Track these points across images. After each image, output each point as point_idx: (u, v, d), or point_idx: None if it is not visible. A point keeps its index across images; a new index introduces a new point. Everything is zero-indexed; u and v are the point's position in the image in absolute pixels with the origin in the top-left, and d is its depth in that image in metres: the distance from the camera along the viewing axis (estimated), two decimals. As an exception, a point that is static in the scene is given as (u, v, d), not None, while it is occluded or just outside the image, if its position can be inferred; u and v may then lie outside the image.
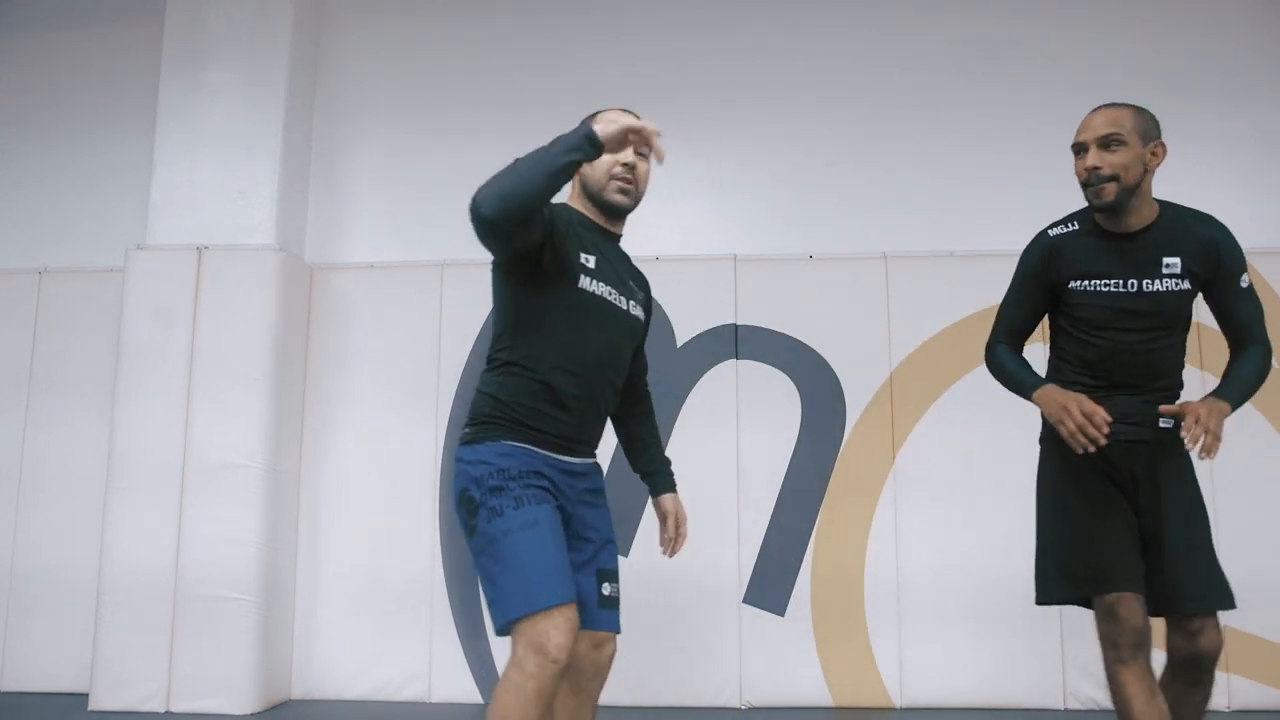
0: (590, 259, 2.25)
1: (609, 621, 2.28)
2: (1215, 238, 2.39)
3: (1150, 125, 2.40)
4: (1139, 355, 2.40)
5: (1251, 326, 2.44)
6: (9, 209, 5.04)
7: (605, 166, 2.31)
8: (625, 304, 2.32)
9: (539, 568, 2.05)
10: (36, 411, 4.68)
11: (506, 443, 2.17)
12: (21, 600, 4.54)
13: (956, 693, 4.12)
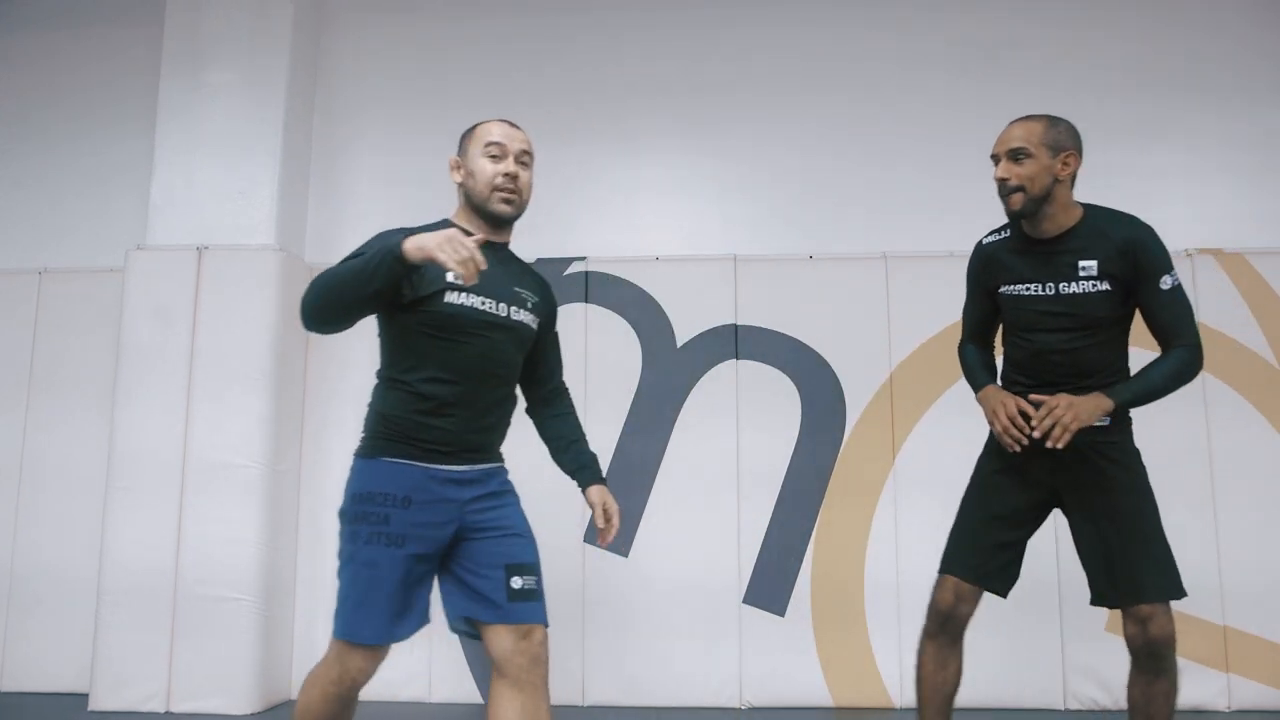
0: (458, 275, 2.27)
1: (523, 614, 2.30)
2: (1133, 238, 2.48)
3: (1062, 137, 2.51)
4: (1063, 355, 2.54)
5: (1175, 328, 2.50)
6: (9, 209, 5.04)
7: (487, 177, 2.40)
8: (505, 310, 2.37)
9: (361, 607, 2.23)
10: (37, 411, 4.68)
11: (385, 460, 2.28)
12: (21, 600, 4.54)
13: (962, 692, 4.10)
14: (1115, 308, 2.50)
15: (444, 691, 4.29)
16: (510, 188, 2.40)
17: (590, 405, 4.40)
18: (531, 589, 2.32)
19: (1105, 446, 2.52)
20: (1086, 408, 2.41)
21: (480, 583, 2.29)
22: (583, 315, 4.50)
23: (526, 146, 2.47)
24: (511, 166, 2.40)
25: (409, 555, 2.23)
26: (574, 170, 4.82)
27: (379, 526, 2.23)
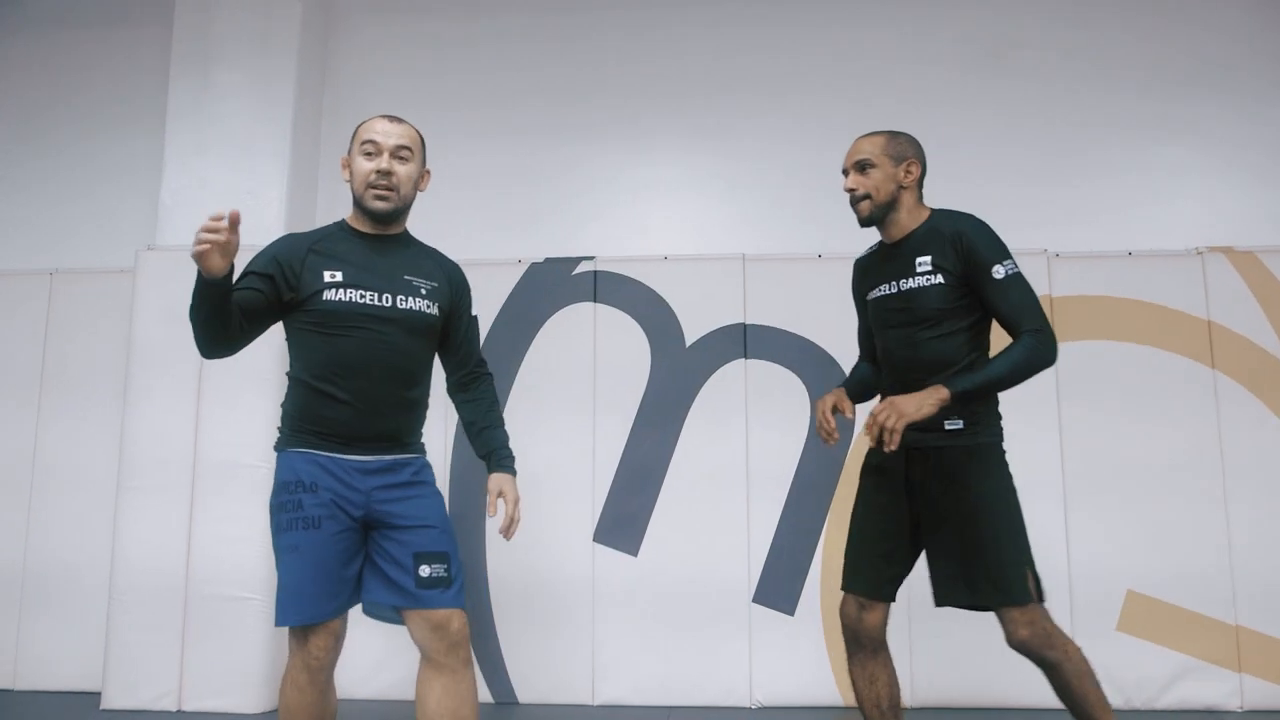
0: (337, 273, 2.42)
1: (432, 600, 2.38)
2: (960, 230, 2.57)
3: (903, 147, 2.67)
4: (906, 350, 2.64)
5: (1014, 316, 2.52)
6: (20, 210, 5.07)
7: (362, 175, 2.48)
8: (391, 300, 2.44)
9: (294, 590, 2.35)
10: (48, 411, 4.70)
11: (293, 451, 2.42)
12: (34, 599, 4.56)
13: (965, 692, 4.11)
14: (949, 300, 2.56)
15: (454, 690, 4.29)
16: (383, 184, 2.47)
17: (599, 404, 4.42)
18: (440, 576, 2.40)
19: (954, 450, 2.56)
20: (909, 405, 2.43)
21: (393, 571, 2.39)
22: (591, 315, 4.50)
23: (405, 141, 2.51)
24: (384, 163, 2.46)
25: (327, 535, 2.35)
26: (582, 170, 4.82)
27: (295, 513, 2.35)
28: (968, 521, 2.52)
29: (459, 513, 4.40)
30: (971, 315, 2.58)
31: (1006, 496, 2.55)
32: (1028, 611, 2.47)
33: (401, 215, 2.56)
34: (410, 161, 2.51)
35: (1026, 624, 2.47)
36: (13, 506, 4.64)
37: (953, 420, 2.54)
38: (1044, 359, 2.50)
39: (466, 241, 4.69)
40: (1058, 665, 2.49)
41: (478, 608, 4.34)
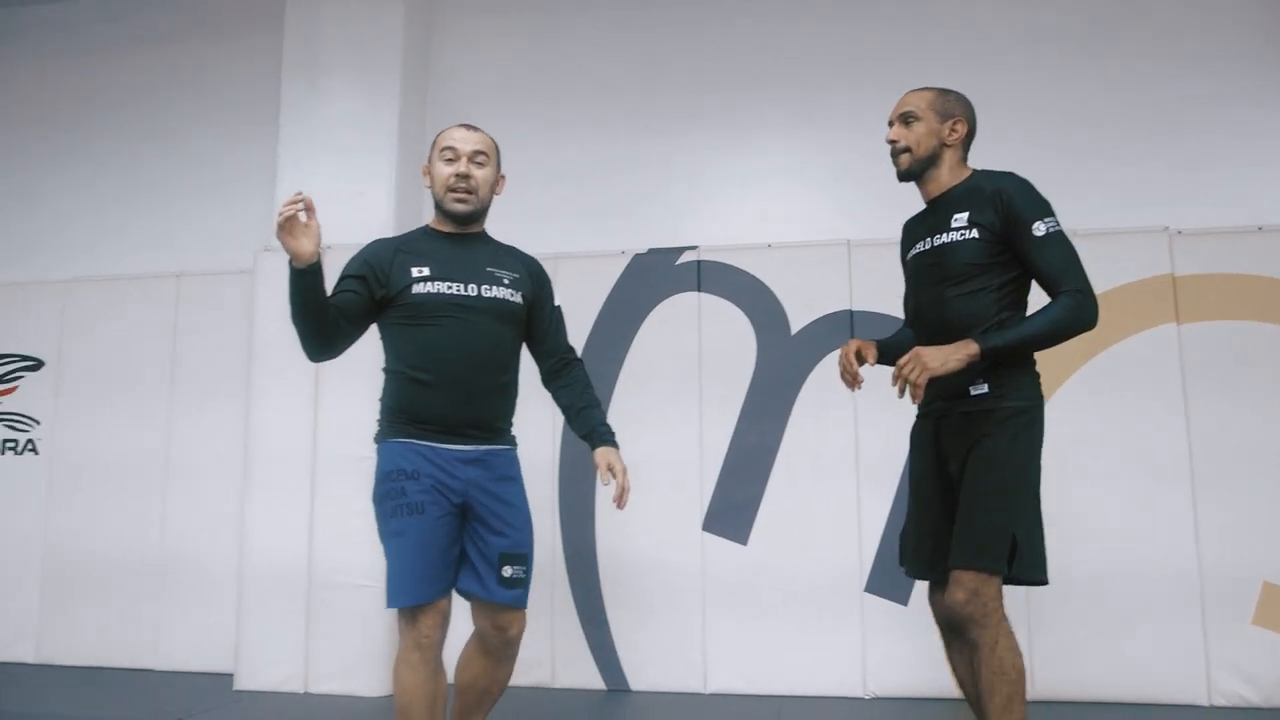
0: (423, 269, 2.57)
1: (507, 598, 2.55)
2: (1001, 187, 2.49)
3: (951, 105, 2.63)
4: (933, 310, 2.57)
5: (1053, 274, 2.44)
6: (149, 218, 5.31)
7: (442, 179, 2.64)
8: (475, 290, 2.58)
9: (403, 573, 2.47)
10: (178, 408, 4.93)
11: (393, 441, 2.55)
12: (171, 586, 4.80)
13: (1089, 686, 3.98)
14: (980, 255, 2.48)
15: (567, 678, 4.36)
16: (462, 187, 2.62)
17: (705, 394, 4.42)
18: (519, 578, 2.57)
19: (976, 414, 2.47)
20: (934, 357, 2.38)
21: (479, 564, 2.55)
22: (696, 304, 4.49)
23: (481, 147, 2.66)
24: (463, 167, 2.62)
25: (430, 519, 2.47)
26: (684, 160, 4.81)
27: (399, 499, 2.48)
28: (977, 485, 2.44)
29: (569, 503, 4.46)
30: (1005, 274, 2.50)
31: (1023, 462, 2.45)
32: (978, 578, 2.38)
33: (480, 216, 2.70)
34: (486, 166, 2.66)
35: (970, 589, 2.38)
36: (148, 499, 4.88)
37: (978, 384, 2.47)
38: (1082, 320, 2.40)
39: (569, 234, 4.75)
40: (979, 647, 2.39)
41: (589, 596, 4.40)
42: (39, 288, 5.25)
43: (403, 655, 2.51)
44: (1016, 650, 2.41)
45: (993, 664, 2.37)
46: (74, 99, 5.54)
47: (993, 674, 2.37)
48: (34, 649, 4.92)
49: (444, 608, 2.54)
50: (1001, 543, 2.38)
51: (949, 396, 2.53)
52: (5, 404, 5.20)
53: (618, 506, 2.66)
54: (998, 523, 2.39)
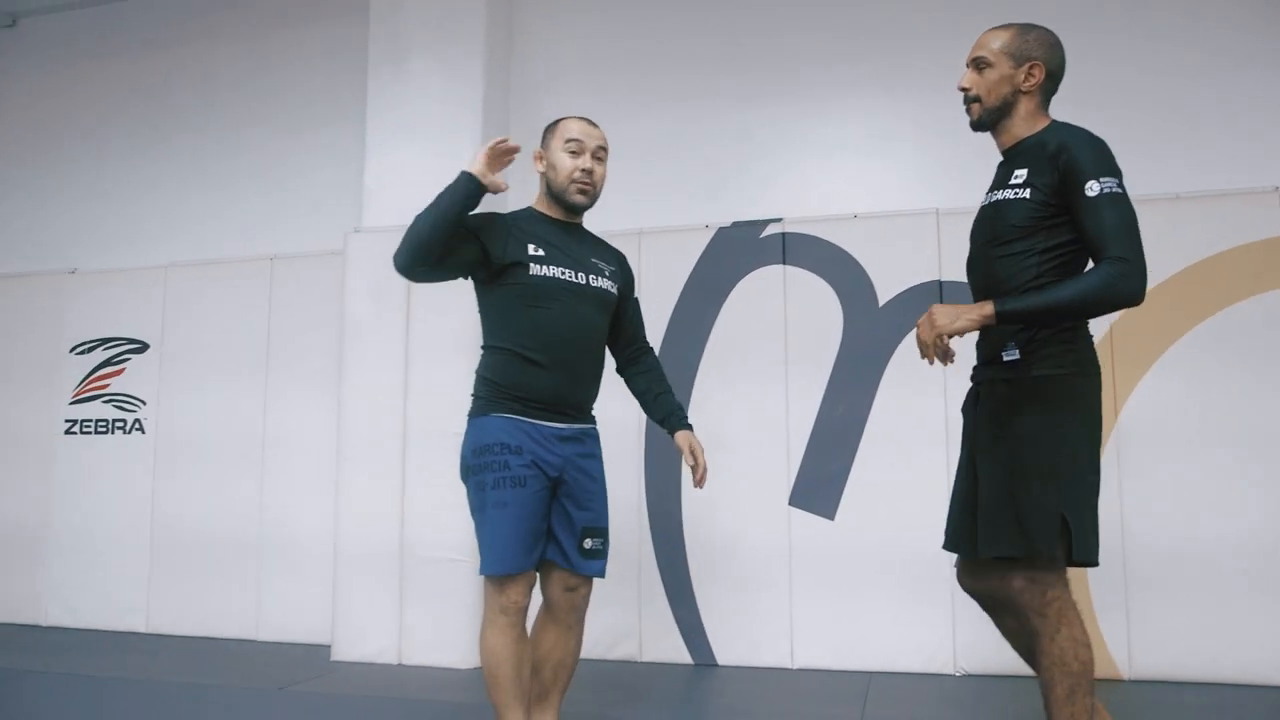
0: (540, 249, 2.66)
1: (585, 568, 2.69)
2: (1064, 143, 2.28)
3: (1030, 46, 2.40)
4: (977, 270, 2.47)
5: (1099, 238, 2.21)
6: (244, 203, 5.47)
7: (566, 171, 2.71)
8: (585, 279, 2.70)
9: (503, 543, 2.56)
10: (273, 388, 5.08)
11: (495, 416, 2.63)
12: (270, 560, 4.96)
13: (1190, 666, 3.86)
14: (1028, 217, 2.30)
15: (654, 651, 4.39)
16: (586, 181, 2.72)
17: (791, 368, 4.38)
18: (598, 550, 2.71)
19: (1002, 384, 2.34)
20: (944, 316, 2.27)
21: (562, 535, 2.67)
22: (780, 277, 4.45)
23: (602, 143, 2.77)
24: (588, 162, 2.72)
25: (531, 492, 2.58)
26: (766, 131, 4.76)
27: (501, 472, 2.57)
28: (996, 462, 2.31)
29: (655, 480, 4.48)
30: (1054, 239, 2.29)
31: (1054, 435, 2.26)
32: (1036, 567, 2.25)
33: (582, 214, 2.82)
34: (604, 162, 2.78)
35: (1029, 578, 2.25)
36: (247, 476, 5.05)
37: (1009, 350, 2.30)
38: (1122, 292, 2.17)
39: (653, 209, 4.75)
40: (1038, 637, 2.25)
41: (675, 571, 4.41)
42: (142, 273, 5.45)
43: (490, 619, 2.60)
44: (1080, 640, 2.24)
45: (1052, 654, 2.23)
46: (172, 91, 5.73)
47: (1052, 665, 2.23)
48: (145, 619, 5.14)
49: (533, 579, 2.66)
50: (1049, 526, 2.23)
51: (985, 363, 2.43)
52: (114, 385, 5.43)
53: (698, 487, 2.86)
54: (1042, 504, 2.24)
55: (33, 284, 5.66)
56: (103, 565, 5.26)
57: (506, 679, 2.57)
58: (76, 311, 5.54)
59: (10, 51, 6.09)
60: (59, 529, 5.38)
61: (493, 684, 2.60)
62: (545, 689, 2.76)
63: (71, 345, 5.52)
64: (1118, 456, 4.01)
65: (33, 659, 4.45)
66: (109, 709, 3.56)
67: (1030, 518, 2.23)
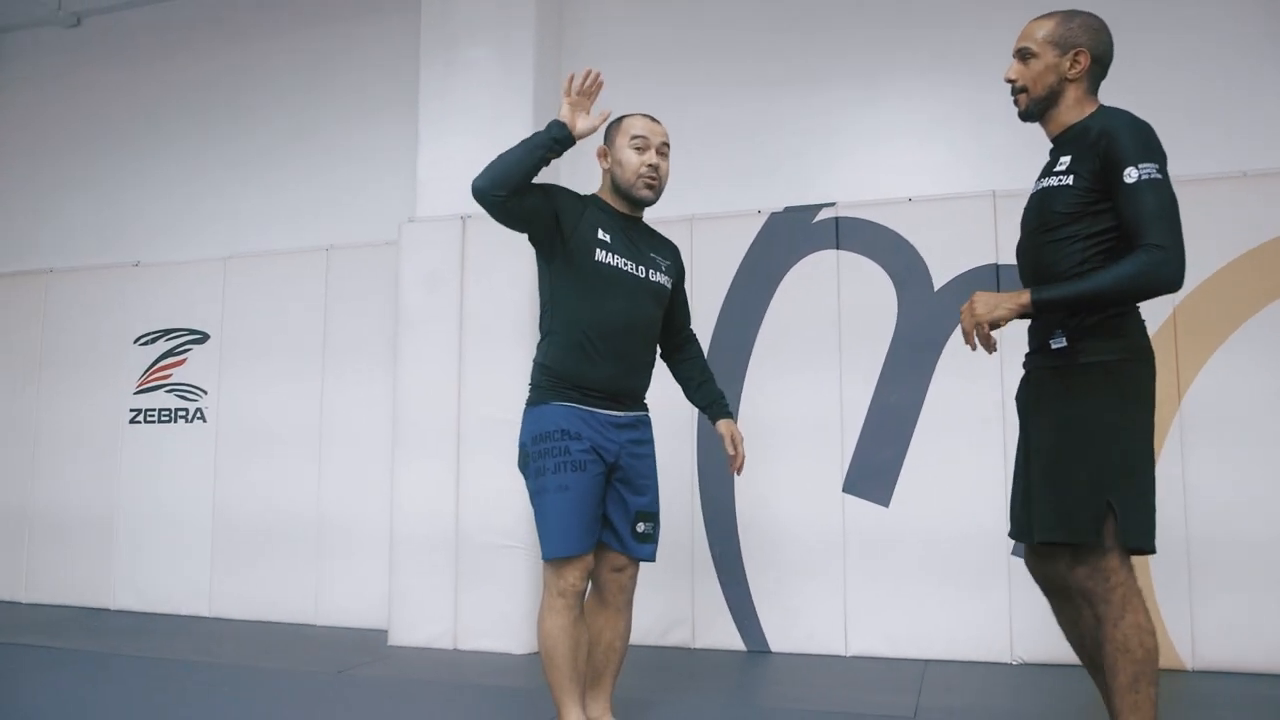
0: (606, 235, 2.70)
1: (638, 551, 2.77)
2: (1104, 128, 2.28)
3: (1075, 33, 2.39)
4: (1027, 254, 2.45)
5: (1135, 225, 2.20)
6: (300, 195, 5.55)
7: (634, 166, 2.74)
8: (645, 273, 2.76)
9: (565, 525, 2.61)
10: (330, 375, 5.16)
11: (555, 404, 2.67)
12: (328, 546, 5.04)
13: (1254, 657, 3.77)
14: (1072, 204, 2.29)
15: (707, 638, 4.39)
16: (652, 176, 2.76)
17: (845, 353, 4.35)
18: (649, 534, 2.78)
19: (1050, 371, 2.34)
20: (984, 304, 2.31)
21: (616, 519, 2.73)
22: (834, 262, 4.41)
23: (666, 139, 2.81)
24: (654, 158, 2.76)
25: (591, 476, 2.64)
26: (818, 116, 4.71)
27: (562, 457, 2.62)
28: (1045, 449, 2.31)
29: (708, 467, 4.47)
30: (1098, 225, 2.27)
31: (1102, 421, 2.24)
32: (1093, 554, 2.22)
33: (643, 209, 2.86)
34: (668, 157, 2.82)
35: (1091, 566, 2.23)
36: (306, 464, 5.14)
37: (1057, 338, 2.30)
38: (1159, 280, 2.17)
39: (707, 194, 4.73)
40: (1102, 623, 2.23)
41: (729, 558, 4.40)
42: (203, 265, 5.56)
43: (548, 602, 2.65)
44: (1145, 628, 2.21)
45: (1116, 640, 2.21)
46: (229, 86, 5.83)
47: (1116, 651, 2.21)
48: (207, 604, 5.26)
49: (590, 563, 2.69)
50: (1092, 512, 2.21)
51: (1034, 351, 2.42)
52: (176, 375, 5.55)
53: (736, 473, 2.93)
54: (1086, 490, 2.22)
55: (98, 277, 5.81)
56: (167, 551, 5.39)
57: (564, 660, 2.62)
58: (140, 303, 5.68)
59: (76, 51, 6.24)
60: (125, 516, 5.52)
61: (550, 665, 2.64)
62: (597, 672, 2.80)
63: (135, 336, 5.66)
64: (1181, 442, 3.93)
65: (101, 642, 4.57)
66: (174, 691, 3.65)
67: (1074, 504, 2.23)
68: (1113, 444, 2.24)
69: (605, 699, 2.81)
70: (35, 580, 5.68)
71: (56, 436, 5.75)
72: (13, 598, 5.68)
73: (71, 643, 4.53)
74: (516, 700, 3.43)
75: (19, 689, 3.68)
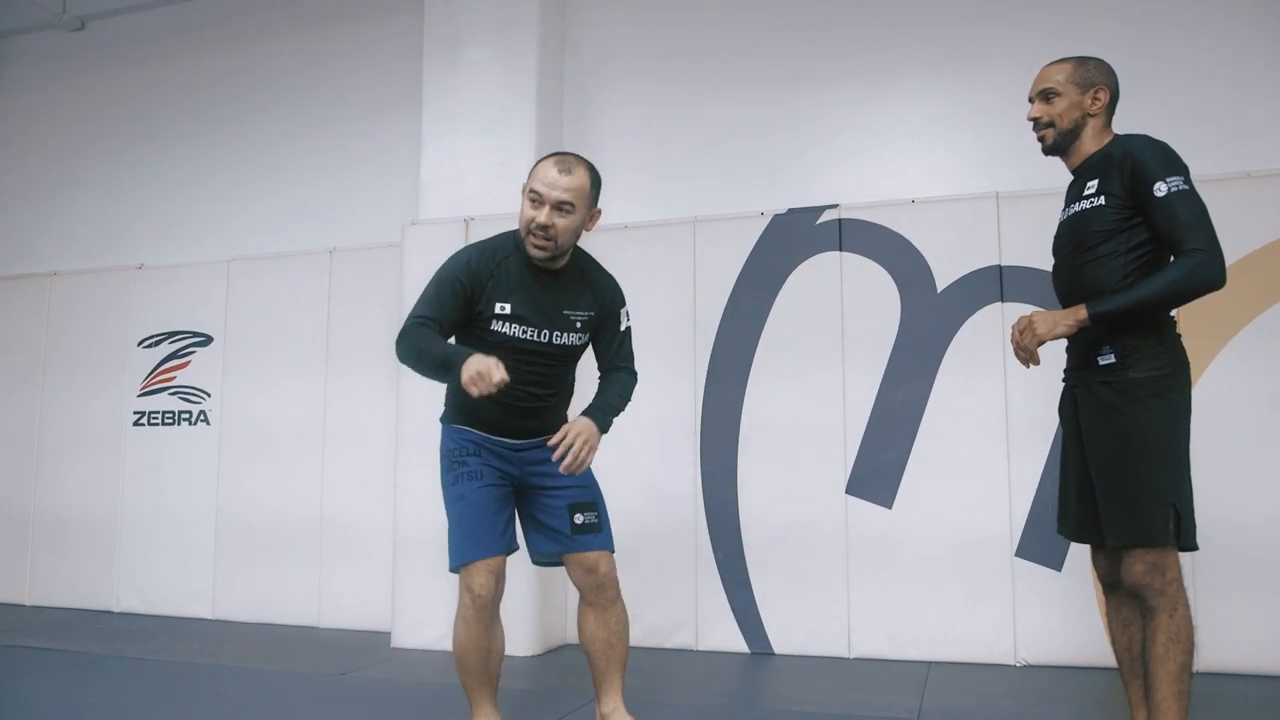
0: (506, 305, 2.65)
1: (587, 544, 2.75)
2: (1129, 149, 2.49)
3: (1092, 74, 2.62)
4: (1065, 279, 2.62)
5: (1172, 234, 2.40)
6: (303, 198, 5.55)
7: (524, 221, 2.64)
8: (546, 336, 2.69)
9: (462, 533, 2.67)
10: (334, 378, 5.16)
11: (456, 426, 2.76)
12: (331, 549, 5.05)
13: (1259, 657, 3.76)
14: (1107, 222, 2.49)
15: (710, 640, 4.39)
16: (541, 235, 2.61)
17: (848, 355, 4.35)
18: (592, 523, 2.76)
19: (1101, 386, 2.49)
20: (1044, 323, 2.47)
21: (552, 522, 2.76)
22: (837, 264, 4.41)
23: (567, 196, 2.60)
24: (544, 217, 2.59)
25: (487, 485, 2.68)
26: (821, 118, 4.71)
27: (460, 469, 2.70)
28: (1110, 458, 2.46)
29: (710, 469, 4.47)
30: (1134, 239, 2.47)
31: (1159, 431, 2.43)
32: (1155, 552, 2.40)
33: (560, 258, 2.72)
34: (573, 214, 2.63)
35: (1150, 563, 2.40)
36: (309, 467, 5.14)
37: (1104, 354, 2.47)
38: (1203, 281, 2.37)
39: (708, 196, 4.74)
40: (1156, 614, 2.39)
41: (731, 560, 4.40)
42: (206, 267, 5.57)
43: (459, 612, 2.70)
44: (1191, 621, 2.41)
45: (1171, 630, 2.38)
46: (233, 89, 5.84)
47: (1171, 640, 2.38)
48: (210, 606, 5.26)
49: (497, 567, 2.68)
50: (1162, 514, 2.40)
51: (1080, 366, 2.57)
52: (180, 378, 5.56)
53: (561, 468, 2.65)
54: (1158, 496, 2.40)
55: (102, 280, 5.81)
56: (171, 553, 5.39)
57: (472, 665, 2.72)
58: (143, 306, 5.68)
59: (79, 54, 6.26)
60: (129, 518, 5.52)
61: (459, 669, 2.74)
62: (601, 672, 2.82)
63: (139, 339, 5.66)
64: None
65: (105, 644, 4.57)
66: (177, 693, 3.65)
67: (1147, 509, 2.40)
68: (1172, 451, 2.44)
69: (616, 694, 2.83)
70: (38, 582, 5.68)
71: (60, 439, 5.76)
72: (16, 600, 5.68)
73: (75, 645, 4.53)
74: (518, 701, 3.43)
75: (23, 691, 3.68)
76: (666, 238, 4.67)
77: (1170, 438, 2.44)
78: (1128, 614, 2.61)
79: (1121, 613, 2.63)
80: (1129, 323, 2.44)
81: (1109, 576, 2.64)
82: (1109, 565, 2.61)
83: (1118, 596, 2.63)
